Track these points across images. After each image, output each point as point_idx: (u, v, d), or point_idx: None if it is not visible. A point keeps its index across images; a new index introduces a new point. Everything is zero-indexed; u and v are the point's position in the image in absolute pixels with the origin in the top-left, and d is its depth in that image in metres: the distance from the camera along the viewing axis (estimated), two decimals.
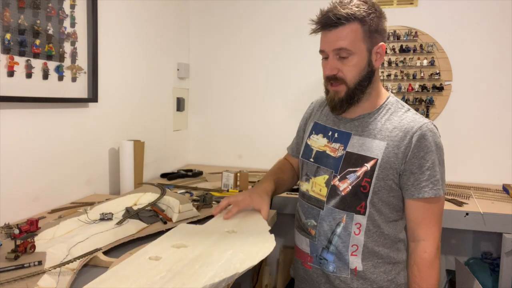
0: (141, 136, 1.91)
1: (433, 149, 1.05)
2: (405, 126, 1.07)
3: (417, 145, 1.04)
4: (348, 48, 1.04)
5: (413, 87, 2.18)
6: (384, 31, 1.09)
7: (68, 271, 0.86)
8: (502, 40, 2.05)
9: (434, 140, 1.06)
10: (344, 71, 1.06)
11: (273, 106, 2.40)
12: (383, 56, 1.10)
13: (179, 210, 1.26)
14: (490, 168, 2.10)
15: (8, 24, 1.21)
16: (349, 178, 1.09)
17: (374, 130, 1.10)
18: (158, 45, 2.13)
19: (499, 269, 1.62)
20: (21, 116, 1.29)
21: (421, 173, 1.04)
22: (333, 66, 1.07)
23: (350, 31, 1.03)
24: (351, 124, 1.14)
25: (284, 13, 2.34)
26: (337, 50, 1.05)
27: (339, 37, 1.04)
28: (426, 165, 1.04)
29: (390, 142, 1.07)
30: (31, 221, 1.03)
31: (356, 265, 1.10)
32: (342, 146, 1.12)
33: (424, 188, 1.04)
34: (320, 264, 1.15)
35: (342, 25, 1.03)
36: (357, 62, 1.05)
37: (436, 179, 1.04)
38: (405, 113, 1.11)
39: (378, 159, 1.06)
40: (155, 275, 0.79)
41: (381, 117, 1.11)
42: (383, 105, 1.13)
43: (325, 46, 1.08)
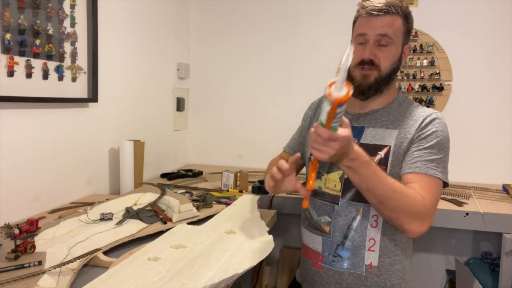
0: (141, 136, 1.91)
1: (439, 134, 1.07)
2: (417, 116, 1.11)
3: (424, 127, 1.08)
4: (391, 37, 1.07)
5: (413, 87, 2.18)
6: (411, 35, 1.18)
7: (68, 271, 0.86)
8: (502, 40, 2.05)
9: (442, 127, 1.09)
10: (380, 58, 1.09)
11: (273, 106, 2.40)
12: (407, 56, 1.17)
13: (179, 210, 1.26)
14: (490, 168, 2.10)
15: (8, 24, 1.21)
16: None
17: (386, 121, 1.14)
18: (158, 45, 2.13)
19: (499, 269, 1.62)
20: (21, 116, 1.29)
21: (417, 150, 1.06)
22: (372, 50, 1.08)
23: (395, 21, 1.08)
24: (364, 118, 1.17)
25: (284, 12, 2.33)
26: (380, 36, 1.07)
27: (387, 24, 1.07)
28: (426, 145, 1.06)
29: (401, 129, 1.10)
30: (31, 221, 1.03)
31: (371, 260, 1.10)
32: (355, 140, 1.12)
33: (416, 163, 1.05)
34: (333, 263, 1.14)
35: (390, 14, 1.07)
36: (394, 53, 1.10)
37: (431, 159, 1.05)
38: (417, 107, 1.15)
39: (391, 146, 1.09)
40: (154, 276, 0.79)
41: (394, 110, 1.15)
42: (395, 100, 1.18)
43: (368, 29, 1.08)
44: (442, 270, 2.14)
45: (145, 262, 0.87)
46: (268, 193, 1.72)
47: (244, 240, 1.02)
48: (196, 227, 1.13)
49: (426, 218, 1.01)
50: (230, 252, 0.92)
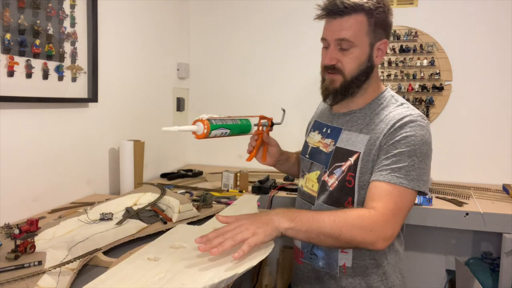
0: (141, 136, 1.91)
1: (411, 139, 0.97)
2: (389, 119, 1.02)
3: (393, 133, 0.99)
4: (350, 40, 1.01)
5: (413, 87, 2.18)
6: (389, 27, 1.07)
7: (68, 271, 0.86)
8: (502, 40, 2.05)
9: (414, 131, 0.98)
10: (343, 62, 1.04)
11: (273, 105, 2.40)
12: (384, 53, 1.08)
13: (179, 210, 1.26)
14: (490, 168, 2.10)
15: (8, 24, 1.21)
16: (335, 173, 1.08)
17: (361, 124, 1.08)
18: (158, 45, 2.13)
19: (499, 269, 1.62)
20: (21, 116, 1.29)
21: (385, 159, 0.98)
22: (332, 56, 1.04)
23: (355, 22, 1.01)
24: (342, 119, 1.14)
25: (284, 12, 2.34)
26: (339, 41, 1.03)
27: (343, 27, 1.01)
28: (394, 151, 0.98)
29: (373, 135, 1.04)
30: (31, 221, 1.03)
31: (344, 262, 1.08)
32: (333, 141, 1.12)
33: (382, 172, 0.97)
34: (311, 259, 1.15)
35: (348, 14, 1.00)
36: (357, 55, 1.03)
37: (399, 166, 0.96)
38: (396, 107, 1.06)
39: (361, 152, 1.04)
40: (154, 276, 0.79)
41: (371, 112, 1.08)
42: (375, 100, 1.10)
43: (327, 34, 1.05)
44: (442, 270, 2.14)
45: (145, 262, 0.86)
46: (268, 193, 1.72)
47: None
48: (196, 227, 1.13)
49: (384, 231, 0.92)
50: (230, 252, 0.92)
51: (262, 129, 1.21)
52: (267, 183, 1.81)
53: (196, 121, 0.97)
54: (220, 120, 1.01)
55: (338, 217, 0.91)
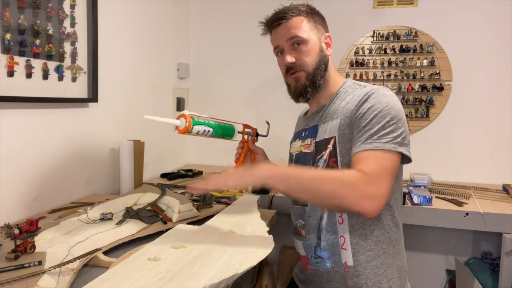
0: (141, 136, 1.91)
1: (376, 107, 1.00)
2: (355, 98, 1.07)
3: (360, 106, 1.03)
4: (300, 35, 1.11)
5: (413, 87, 2.18)
6: (326, 25, 1.19)
7: (68, 271, 0.86)
8: (502, 40, 2.05)
9: (379, 100, 1.01)
10: (300, 58, 1.12)
11: (273, 106, 2.40)
12: (331, 45, 1.18)
13: (179, 210, 1.26)
14: (490, 168, 2.10)
15: (8, 24, 1.21)
16: (320, 165, 1.10)
17: (332, 113, 1.13)
18: (158, 45, 2.13)
19: (499, 269, 1.62)
20: (21, 116, 1.29)
21: (357, 132, 1.01)
22: (291, 55, 1.13)
23: (297, 21, 1.12)
24: (316, 116, 1.18)
25: None
26: (290, 40, 1.12)
27: (290, 28, 1.11)
28: (363, 123, 1.00)
29: (343, 116, 1.07)
30: (31, 221, 1.03)
31: (346, 260, 1.07)
32: (313, 139, 1.16)
33: (357, 144, 0.99)
34: (317, 264, 1.14)
35: (289, 18, 1.12)
36: (310, 48, 1.12)
37: (371, 134, 0.97)
38: (361, 89, 1.10)
39: (336, 135, 1.07)
40: (154, 276, 0.79)
41: (339, 101, 1.13)
42: (340, 90, 1.16)
43: (278, 40, 1.15)
44: (442, 270, 2.14)
45: (145, 262, 0.86)
46: (268, 193, 1.72)
47: (244, 240, 1.02)
48: (196, 227, 1.13)
49: (374, 190, 0.90)
50: (230, 252, 0.92)
51: (248, 138, 1.29)
52: None
53: (180, 116, 1.00)
54: (200, 118, 1.05)
55: (321, 171, 0.99)
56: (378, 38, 2.21)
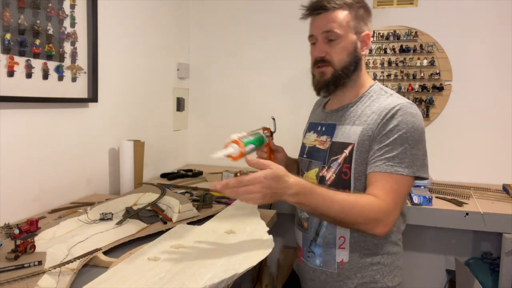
0: (141, 136, 1.91)
1: (401, 127, 1.01)
2: (381, 109, 1.06)
3: (385, 123, 1.03)
4: (336, 31, 1.07)
5: (413, 87, 2.18)
6: (369, 22, 1.14)
7: (68, 271, 0.86)
8: (502, 40, 2.05)
9: (405, 119, 1.02)
10: (331, 54, 1.09)
11: (273, 106, 2.40)
12: (368, 44, 1.13)
13: (179, 210, 1.26)
14: (490, 168, 2.10)
15: (8, 24, 1.21)
16: (333, 167, 1.11)
17: (353, 117, 1.12)
18: (158, 45, 2.13)
19: (499, 269, 1.62)
20: (21, 116, 1.29)
21: (378, 149, 1.02)
22: (321, 48, 1.10)
23: (338, 15, 1.08)
24: (336, 115, 1.17)
25: (284, 12, 2.33)
26: (325, 33, 1.09)
27: (328, 20, 1.08)
28: (386, 141, 1.02)
29: (365, 125, 1.07)
30: (31, 221, 1.03)
31: (342, 258, 1.10)
32: (329, 137, 1.15)
33: (376, 163, 1.01)
34: (308, 258, 1.17)
35: (331, 9, 1.08)
36: (344, 46, 1.09)
37: (392, 155, 1.00)
38: (386, 98, 1.09)
39: (355, 143, 1.07)
40: (154, 276, 0.79)
41: (362, 105, 1.12)
42: (365, 94, 1.15)
43: (314, 30, 1.12)
44: (442, 270, 2.14)
45: (145, 262, 0.86)
46: None
47: (244, 240, 1.02)
48: (196, 227, 1.13)
49: (387, 218, 0.99)
50: (230, 252, 0.92)
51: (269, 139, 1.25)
52: None
53: (228, 144, 0.98)
54: (244, 137, 1.04)
55: (347, 205, 0.95)
56: (378, 38, 2.22)
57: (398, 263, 1.14)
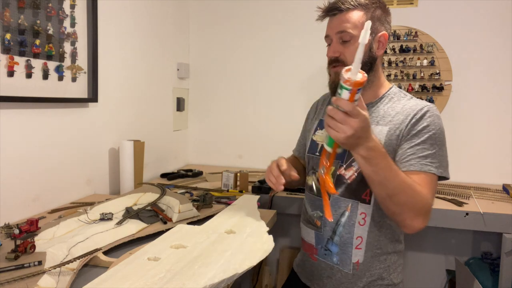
0: (141, 136, 1.91)
1: (431, 128, 1.05)
2: (407, 110, 1.09)
3: (414, 123, 1.06)
4: (350, 32, 1.07)
5: (413, 87, 2.18)
6: (386, 22, 1.13)
7: (68, 271, 0.86)
8: (502, 40, 2.05)
9: (433, 120, 1.06)
10: (345, 54, 1.09)
11: (273, 106, 2.40)
12: (385, 45, 1.13)
13: (179, 210, 1.26)
14: (490, 168, 2.10)
15: (8, 24, 1.21)
16: (354, 166, 1.11)
17: (376, 117, 1.13)
18: (158, 45, 2.13)
19: (499, 269, 1.62)
20: (21, 116, 1.29)
21: (410, 148, 1.05)
22: (335, 49, 1.10)
23: (352, 15, 1.08)
24: None
25: (284, 13, 2.34)
26: (339, 33, 1.09)
27: (343, 21, 1.08)
28: (417, 141, 1.05)
29: (392, 126, 1.09)
30: (31, 221, 1.03)
31: (358, 258, 1.12)
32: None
33: (411, 161, 1.04)
34: (325, 256, 1.18)
35: (346, 10, 1.08)
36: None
37: (425, 155, 1.03)
38: (408, 100, 1.13)
39: (381, 143, 1.07)
40: (154, 276, 0.79)
41: (383, 105, 1.14)
42: (386, 95, 1.16)
43: (329, 30, 1.13)
44: (442, 270, 2.14)
45: (145, 262, 0.86)
46: (268, 193, 1.72)
47: (244, 240, 1.02)
48: (196, 227, 1.13)
49: (427, 214, 1.02)
50: (230, 252, 0.92)
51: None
52: (267, 183, 1.80)
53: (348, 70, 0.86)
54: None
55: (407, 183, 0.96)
56: None
57: (401, 260, 1.18)
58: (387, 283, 1.14)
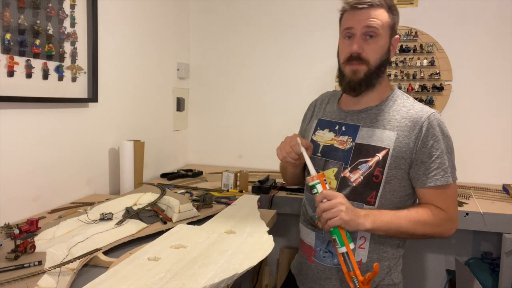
0: (141, 136, 1.91)
1: (441, 137, 1.08)
2: (414, 116, 1.10)
3: (426, 135, 1.08)
4: (378, 28, 1.07)
5: (413, 87, 2.18)
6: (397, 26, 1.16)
7: (68, 271, 0.86)
8: (502, 40, 2.05)
9: (442, 129, 1.09)
10: (368, 52, 1.08)
11: (273, 106, 2.40)
12: (395, 49, 1.15)
13: (179, 210, 1.26)
14: (490, 168, 2.10)
15: (8, 24, 1.21)
16: (360, 169, 1.10)
17: (383, 121, 1.12)
18: (158, 45, 2.13)
19: (499, 269, 1.62)
20: (21, 116, 1.29)
21: (431, 162, 1.07)
22: (360, 44, 1.08)
23: (381, 13, 1.08)
24: (358, 116, 1.16)
25: (284, 13, 2.34)
26: (367, 28, 1.06)
27: (371, 16, 1.06)
28: (436, 153, 1.07)
29: (400, 132, 1.09)
30: (31, 221, 1.03)
31: (361, 258, 1.12)
32: (350, 138, 1.14)
33: (436, 176, 1.07)
34: (323, 259, 1.16)
35: (375, 6, 1.07)
36: (381, 45, 1.10)
37: (446, 166, 1.07)
38: (412, 103, 1.14)
39: (390, 149, 1.09)
40: (154, 276, 0.80)
41: (388, 108, 1.14)
42: (389, 97, 1.16)
43: (355, 23, 1.08)
44: (442, 270, 2.14)
45: (145, 262, 0.87)
46: (268, 193, 1.72)
47: (244, 240, 1.02)
48: (196, 227, 1.13)
49: (452, 223, 1.09)
50: (230, 252, 0.92)
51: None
52: (267, 183, 1.81)
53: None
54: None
55: (413, 218, 1.06)
56: None
57: (401, 260, 1.19)
58: (387, 283, 1.14)
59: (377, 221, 1.03)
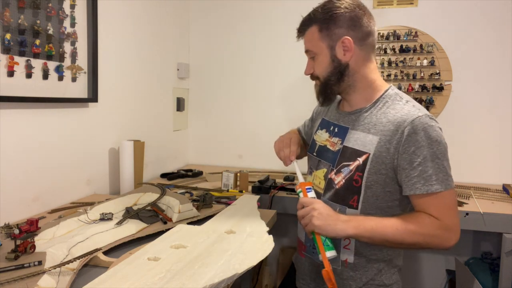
0: (141, 136, 1.91)
1: (425, 144, 1.01)
2: (398, 120, 1.05)
3: (408, 140, 1.02)
4: (311, 49, 1.16)
5: (413, 87, 2.18)
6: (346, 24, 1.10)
7: (68, 271, 0.86)
8: (502, 40, 2.05)
9: (428, 134, 1.01)
10: (316, 69, 1.17)
11: (273, 106, 2.40)
12: (351, 49, 1.09)
13: (179, 210, 1.26)
14: (490, 168, 2.10)
15: (8, 24, 1.21)
16: (343, 172, 1.11)
17: (368, 124, 1.10)
18: (158, 45, 2.13)
19: (499, 269, 1.62)
20: (21, 116, 1.29)
21: (411, 169, 1.02)
22: (309, 66, 1.20)
23: (310, 34, 1.15)
24: (349, 118, 1.17)
25: (283, 13, 2.34)
26: (306, 53, 1.19)
27: (305, 41, 1.18)
28: (417, 161, 1.01)
29: (382, 136, 1.06)
30: (31, 221, 1.03)
31: (347, 257, 1.12)
32: (340, 140, 1.15)
33: (416, 185, 1.01)
34: (313, 254, 1.18)
35: (303, 32, 1.17)
36: (321, 60, 1.15)
37: (428, 175, 1.00)
38: (403, 105, 1.08)
39: (370, 153, 1.06)
40: (154, 276, 0.80)
41: (377, 111, 1.11)
42: (380, 99, 1.12)
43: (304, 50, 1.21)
44: (442, 270, 2.14)
45: (145, 262, 0.87)
46: (268, 193, 1.72)
47: (244, 240, 1.03)
48: (196, 227, 1.13)
49: (450, 232, 1.00)
50: (230, 252, 0.92)
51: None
52: (267, 183, 1.81)
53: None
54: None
55: (400, 226, 1.00)
56: (378, 38, 2.21)
57: (396, 262, 1.16)
58: (377, 283, 1.12)
59: (359, 226, 1.00)
